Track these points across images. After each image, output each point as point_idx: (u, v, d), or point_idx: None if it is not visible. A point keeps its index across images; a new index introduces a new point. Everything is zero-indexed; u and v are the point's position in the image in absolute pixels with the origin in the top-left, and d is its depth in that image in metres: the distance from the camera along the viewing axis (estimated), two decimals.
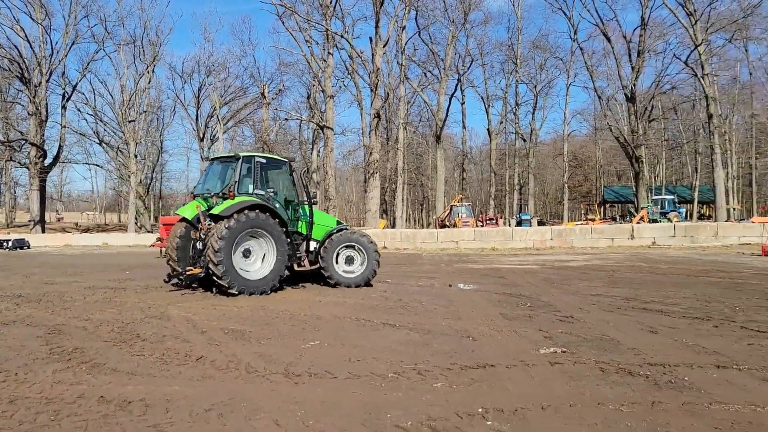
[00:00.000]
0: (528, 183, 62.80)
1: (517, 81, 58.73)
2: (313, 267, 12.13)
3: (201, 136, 59.41)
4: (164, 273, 11.94)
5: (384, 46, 40.35)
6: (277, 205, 11.35)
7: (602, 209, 65.51)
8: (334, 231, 12.31)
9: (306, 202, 11.97)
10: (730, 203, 47.93)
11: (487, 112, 61.43)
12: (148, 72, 51.85)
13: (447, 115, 51.40)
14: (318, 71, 44.32)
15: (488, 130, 61.83)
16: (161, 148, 67.29)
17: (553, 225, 42.95)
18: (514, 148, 65.84)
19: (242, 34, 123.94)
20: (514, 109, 60.30)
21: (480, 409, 4.29)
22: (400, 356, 5.96)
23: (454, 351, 6.24)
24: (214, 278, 10.35)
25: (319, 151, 55.22)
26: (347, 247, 12.11)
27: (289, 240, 11.30)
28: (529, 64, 60.85)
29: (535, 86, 62.19)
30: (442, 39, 50.89)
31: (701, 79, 39.06)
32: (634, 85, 42.89)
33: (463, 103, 60.21)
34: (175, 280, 11.25)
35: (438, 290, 11.91)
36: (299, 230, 12.06)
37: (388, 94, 49.45)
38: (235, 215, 10.42)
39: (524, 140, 61.86)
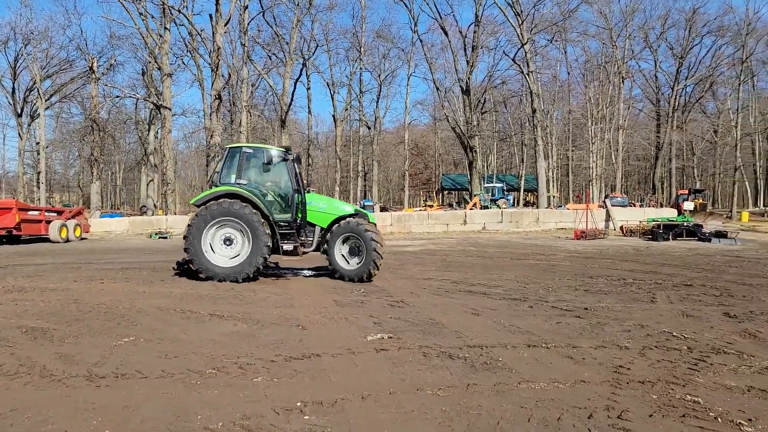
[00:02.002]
0: (372, 170, 64.02)
1: (361, 69, 59.41)
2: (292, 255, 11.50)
3: (19, 111, 53.19)
4: None
5: (225, 25, 38.74)
6: (258, 194, 11.12)
7: (440, 196, 68.74)
8: (341, 219, 11.42)
9: (298, 190, 11.36)
10: (551, 191, 52.52)
11: (332, 98, 61.54)
12: None
13: (292, 100, 50.75)
14: (154, 47, 41.57)
15: (334, 116, 62.01)
16: None
17: (395, 211, 44.21)
18: (358, 135, 66.74)
19: (66, 0, 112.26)
20: (359, 97, 60.98)
21: (299, 403, 4.14)
22: (222, 350, 5.64)
23: (281, 341, 6.05)
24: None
25: (157, 133, 51.92)
26: (350, 237, 11.22)
27: (269, 229, 10.82)
28: (373, 52, 61.82)
29: (379, 75, 63.33)
30: (287, 22, 50.04)
31: (527, 76, 42.14)
32: (469, 78, 45.21)
33: (308, 89, 59.79)
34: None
35: (274, 278, 11.64)
36: (297, 218, 11.44)
37: (230, 75, 47.67)
38: (205, 205, 10.82)
39: (368, 128, 62.90)
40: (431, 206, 46.75)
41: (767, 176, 63.54)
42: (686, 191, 48.38)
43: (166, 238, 26.93)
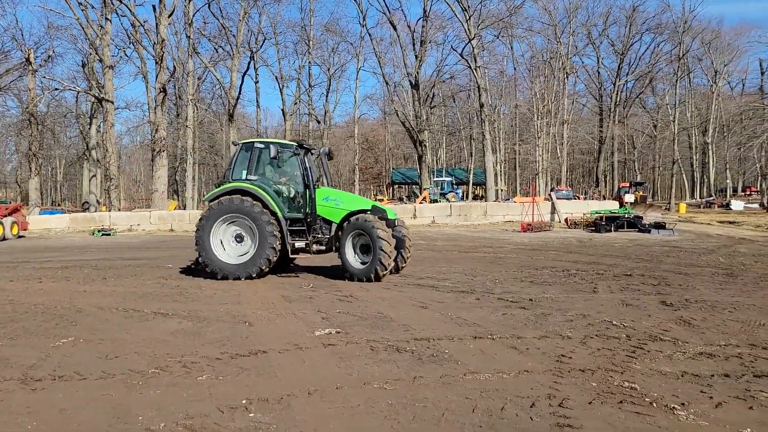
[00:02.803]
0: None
1: (310, 63, 58.89)
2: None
3: None
4: None
5: (169, 17, 37.69)
6: (270, 190, 10.77)
7: (391, 190, 68.98)
8: (353, 215, 10.64)
9: (308, 186, 10.86)
10: (498, 185, 53.39)
11: (281, 92, 60.72)
12: None
13: (240, 93, 49.86)
14: (95, 38, 40.13)
15: (283, 110, 61.26)
16: None
17: None
18: (308, 129, 66.21)
19: None
20: (308, 91, 60.42)
21: (244, 401, 4.10)
22: (166, 348, 5.53)
23: (227, 339, 5.97)
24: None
25: (99, 127, 50.22)
26: (360, 234, 10.37)
27: (277, 226, 10.48)
28: (322, 46, 61.30)
29: (329, 69, 62.86)
30: (234, 14, 49.08)
31: (474, 71, 42.64)
32: (418, 73, 45.43)
33: (257, 82, 58.85)
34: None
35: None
36: (308, 215, 10.91)
37: (175, 68, 46.51)
38: (213, 201, 10.80)
39: (318, 122, 62.47)
40: (381, 200, 46.82)
41: (703, 169, 66.22)
42: (627, 184, 49.96)
43: (109, 235, 26.14)
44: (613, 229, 23.54)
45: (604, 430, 3.62)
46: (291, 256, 11.01)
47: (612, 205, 31.47)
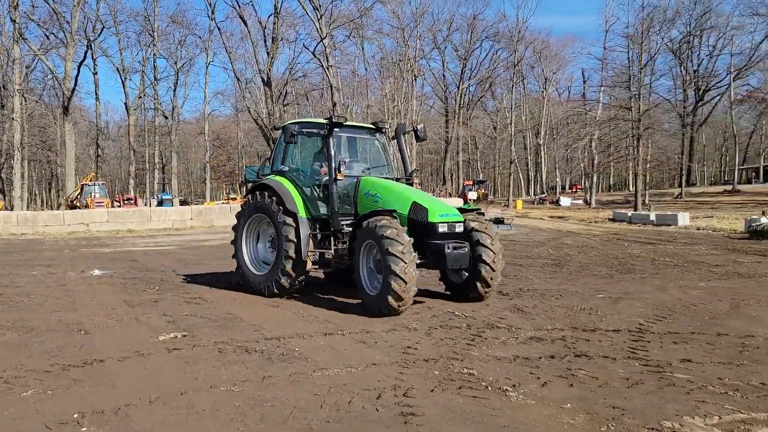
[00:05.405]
0: (171, 161, 60.76)
1: (155, 55, 55.97)
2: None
3: None
4: None
5: None
6: (299, 184, 8.62)
7: (244, 188, 67.32)
8: (372, 216, 7.39)
9: (329, 176, 8.25)
10: None
11: (123, 85, 57.25)
12: None
13: (76, 85, 46.09)
14: None
15: (126, 104, 57.72)
16: None
17: (196, 204, 42.44)
18: (154, 125, 62.84)
19: None
20: (154, 84, 57.47)
21: (76, 415, 3.81)
22: None
23: (59, 349, 5.52)
24: None
25: None
26: (373, 246, 7.27)
27: (294, 228, 8.10)
28: (168, 38, 58.57)
29: (176, 62, 60.26)
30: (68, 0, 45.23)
31: (326, 70, 43.04)
32: (270, 70, 44.88)
33: (95, 73, 54.95)
34: None
35: (55, 279, 10.54)
36: (334, 215, 8.15)
37: None
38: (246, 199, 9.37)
39: (165, 117, 59.58)
40: (234, 199, 45.63)
41: (536, 168, 72.04)
42: (471, 182, 53.09)
43: None
44: None
45: (444, 416, 3.82)
46: (307, 268, 8.35)
47: (457, 202, 33.22)
